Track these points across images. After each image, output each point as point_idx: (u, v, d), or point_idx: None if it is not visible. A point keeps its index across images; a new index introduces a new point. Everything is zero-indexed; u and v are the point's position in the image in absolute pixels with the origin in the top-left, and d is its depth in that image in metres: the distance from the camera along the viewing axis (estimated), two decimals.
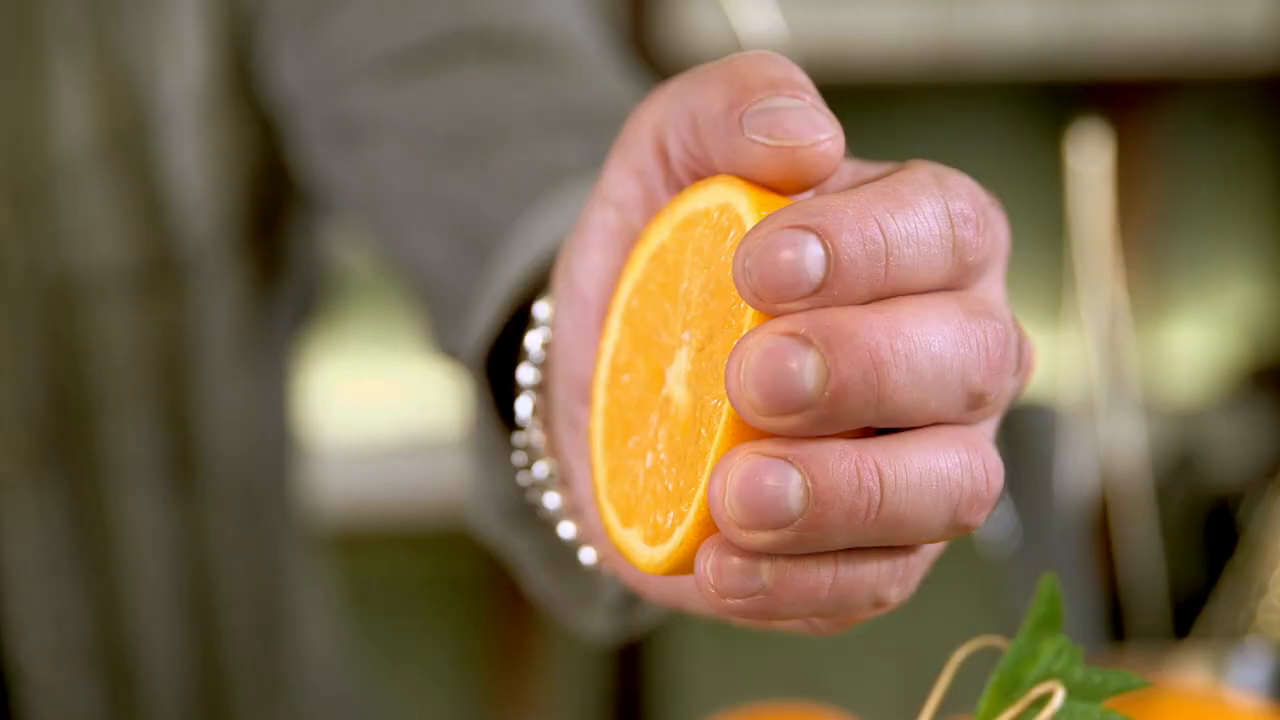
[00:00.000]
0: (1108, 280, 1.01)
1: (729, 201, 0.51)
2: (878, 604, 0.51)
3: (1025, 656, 0.53)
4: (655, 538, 0.52)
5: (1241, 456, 2.07)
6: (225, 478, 0.97)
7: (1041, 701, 0.52)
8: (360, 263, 1.12)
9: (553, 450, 0.59)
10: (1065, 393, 1.10)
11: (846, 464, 0.47)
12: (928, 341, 0.48)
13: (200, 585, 0.97)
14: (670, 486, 0.52)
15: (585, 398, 0.56)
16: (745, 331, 0.48)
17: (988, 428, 0.52)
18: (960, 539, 0.52)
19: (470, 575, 2.23)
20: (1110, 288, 1.01)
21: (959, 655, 0.54)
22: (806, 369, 0.47)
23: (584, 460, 0.57)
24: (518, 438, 0.60)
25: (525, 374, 0.59)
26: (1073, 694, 0.53)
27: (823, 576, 0.49)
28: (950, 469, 0.49)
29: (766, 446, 0.47)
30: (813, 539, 0.47)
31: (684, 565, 0.51)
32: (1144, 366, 2.18)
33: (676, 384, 0.52)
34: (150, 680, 0.95)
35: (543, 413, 0.59)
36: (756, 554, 0.48)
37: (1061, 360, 1.16)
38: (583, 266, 0.55)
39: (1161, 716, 0.54)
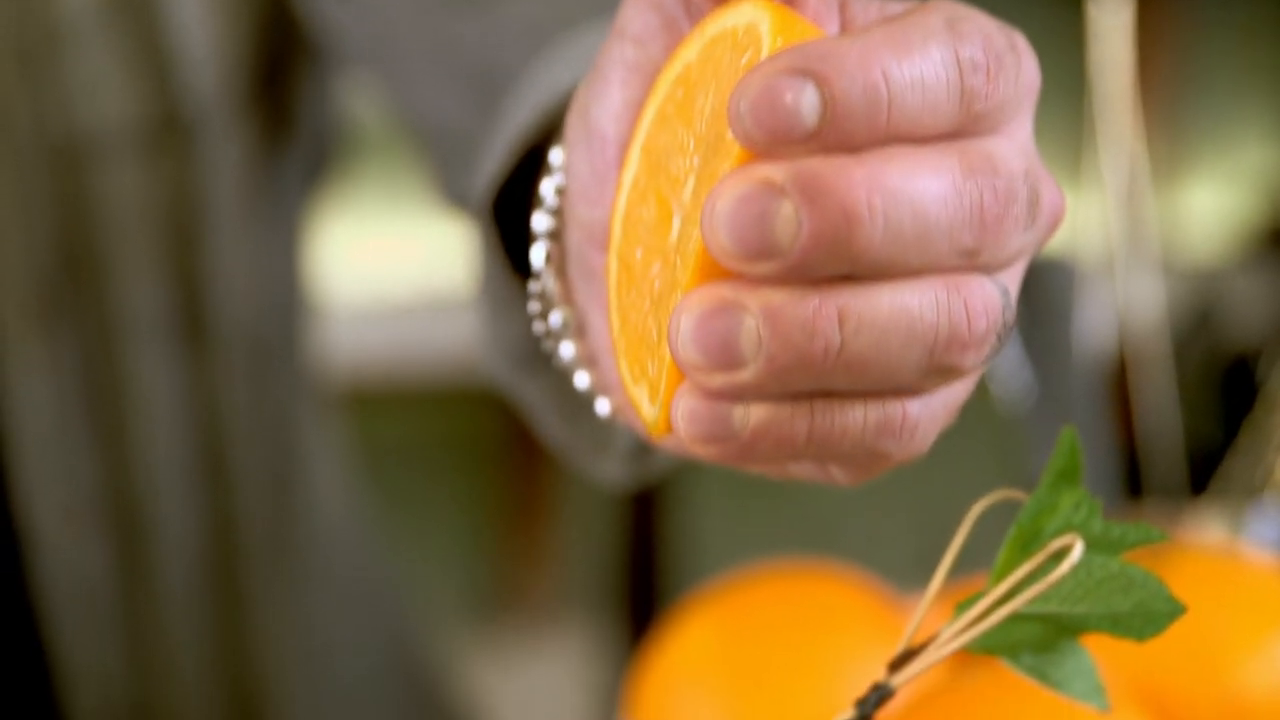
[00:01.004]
0: (1127, 136, 1.00)
1: (754, 21, 0.50)
2: (877, 456, 0.50)
3: (1044, 509, 0.53)
4: (654, 393, 0.51)
5: (1260, 314, 2.07)
6: (235, 336, 0.96)
7: (1060, 555, 0.52)
8: (374, 121, 1.12)
9: (567, 299, 0.59)
10: (1083, 249, 1.10)
11: (804, 309, 0.47)
12: (912, 198, 0.47)
13: (211, 444, 0.96)
14: (655, 332, 0.51)
15: (601, 243, 0.55)
16: (730, 168, 0.48)
17: (1011, 275, 0.51)
18: (975, 396, 0.51)
19: (484, 432, 2.24)
20: (1130, 144, 1.00)
21: (977, 508, 0.53)
22: (779, 219, 0.46)
23: (600, 308, 0.57)
24: (532, 286, 0.59)
25: (540, 221, 0.58)
26: (1092, 547, 0.52)
27: (797, 424, 0.48)
28: (924, 310, 0.48)
29: (724, 289, 0.47)
30: (772, 383, 0.47)
31: None
32: (1163, 225, 2.16)
33: (678, 214, 0.52)
34: (161, 538, 0.95)
35: (557, 261, 0.58)
36: (727, 399, 0.48)
37: (1080, 216, 1.15)
38: (601, 104, 0.54)
39: (1178, 572, 0.54)
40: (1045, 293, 0.95)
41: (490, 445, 2.25)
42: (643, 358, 0.52)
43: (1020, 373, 0.93)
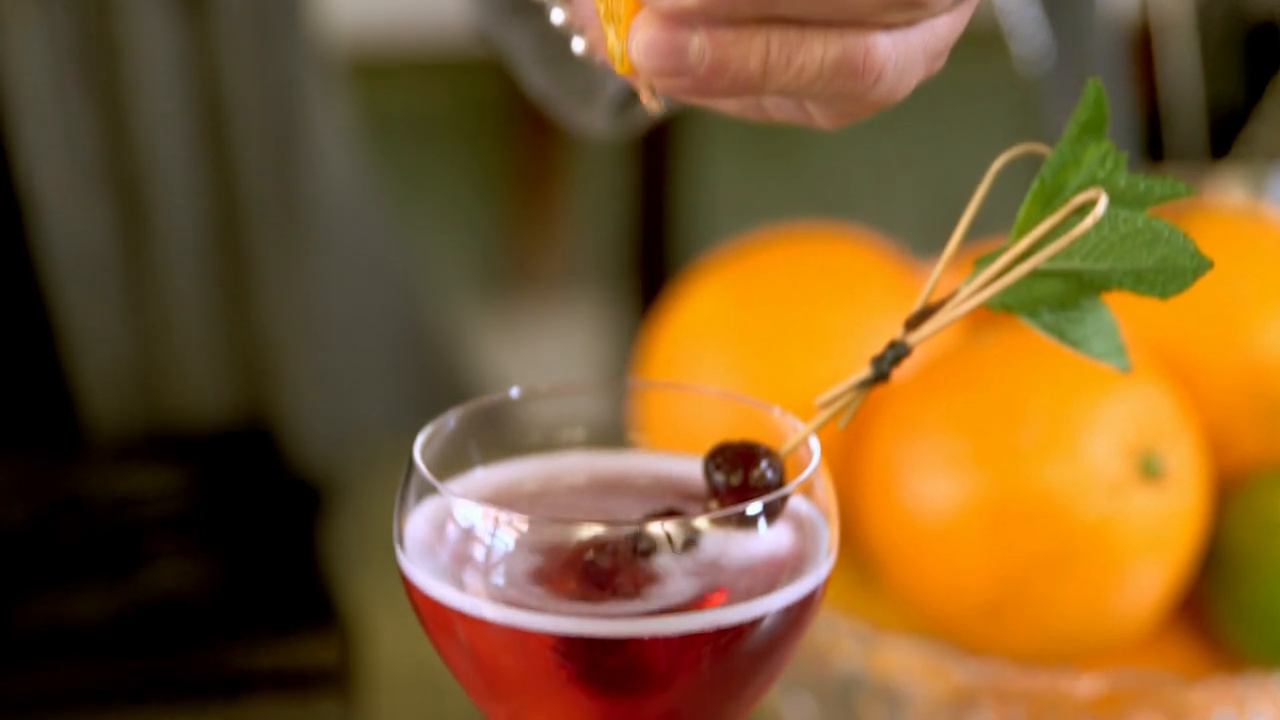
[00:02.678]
0: None
1: None
2: (845, 96, 0.50)
3: (1068, 163, 0.51)
4: (620, 27, 0.50)
5: None
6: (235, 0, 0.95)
7: (1083, 209, 0.50)
8: None
9: None
10: None
11: None
12: None
13: (212, 107, 0.95)
14: None
15: None
16: None
17: None
18: (993, 58, 0.50)
19: (493, 103, 2.22)
20: None
21: (998, 162, 0.52)
22: None
23: None
24: None
25: None
26: (1116, 201, 0.51)
27: (754, 57, 0.48)
28: None
29: None
30: (719, 6, 0.47)
31: None
32: None
33: None
34: (164, 202, 0.95)
35: None
36: (683, 29, 0.48)
37: None
38: None
39: (1199, 233, 0.52)
40: None
41: (499, 116, 2.23)
42: None
43: (1039, 31, 0.91)
